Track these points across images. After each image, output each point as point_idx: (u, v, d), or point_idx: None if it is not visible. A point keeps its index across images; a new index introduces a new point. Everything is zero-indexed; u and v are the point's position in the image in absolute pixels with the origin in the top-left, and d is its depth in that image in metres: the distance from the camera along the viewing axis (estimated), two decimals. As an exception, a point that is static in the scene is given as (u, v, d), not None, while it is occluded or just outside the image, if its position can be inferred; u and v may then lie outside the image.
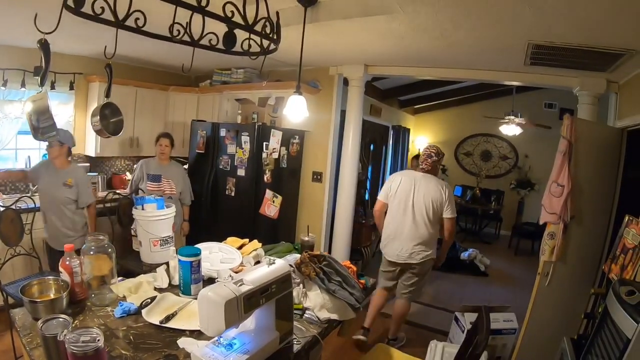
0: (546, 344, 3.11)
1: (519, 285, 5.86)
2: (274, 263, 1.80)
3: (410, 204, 3.60)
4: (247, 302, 1.53)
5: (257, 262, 2.65)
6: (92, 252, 2.11)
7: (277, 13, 2.05)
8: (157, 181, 4.31)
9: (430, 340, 3.34)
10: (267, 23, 1.95)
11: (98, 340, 1.40)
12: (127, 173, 5.75)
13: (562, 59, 3.37)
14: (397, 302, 3.88)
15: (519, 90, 7.79)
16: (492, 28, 2.92)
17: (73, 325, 1.56)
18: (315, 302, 2.12)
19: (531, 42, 3.10)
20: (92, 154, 5.21)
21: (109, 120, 2.91)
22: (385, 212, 3.83)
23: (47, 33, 1.66)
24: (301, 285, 2.20)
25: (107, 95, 2.50)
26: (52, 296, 2.00)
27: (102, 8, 1.44)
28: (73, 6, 1.42)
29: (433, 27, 3.03)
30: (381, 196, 3.81)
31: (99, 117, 2.73)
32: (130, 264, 3.26)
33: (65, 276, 2.00)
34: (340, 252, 5.01)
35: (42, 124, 2.84)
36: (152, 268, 2.67)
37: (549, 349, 2.97)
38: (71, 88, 4.93)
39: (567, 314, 3.19)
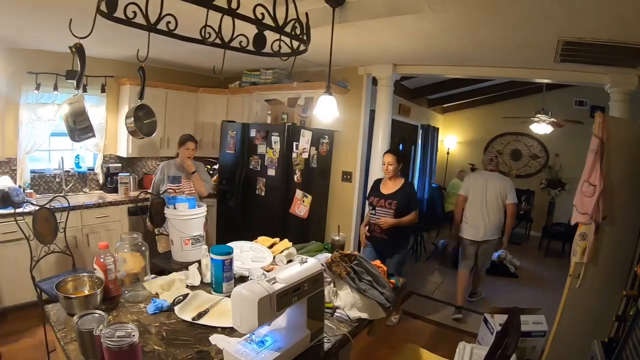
0: (576, 347, 3.05)
1: (549, 287, 5.76)
2: (306, 262, 1.81)
3: (484, 195, 4.58)
4: (280, 300, 1.55)
5: (290, 261, 2.68)
6: (126, 250, 2.16)
7: (307, 14, 2.07)
8: (177, 182, 4.35)
9: (458, 342, 3.31)
10: (297, 24, 1.96)
11: (133, 335, 1.43)
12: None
13: (593, 55, 3.29)
14: (476, 271, 4.97)
15: (549, 88, 7.63)
16: (521, 25, 2.88)
17: (107, 320, 1.60)
18: (345, 301, 2.13)
19: (561, 39, 3.04)
20: (124, 155, 5.32)
21: (142, 121, 2.95)
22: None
23: (81, 38, 1.70)
24: (332, 284, 2.22)
25: (141, 97, 2.54)
26: (86, 292, 2.06)
27: (134, 12, 1.46)
28: (106, 11, 1.46)
29: (462, 25, 3.01)
30: (462, 191, 4.80)
31: (133, 119, 2.78)
32: (160, 262, 3.32)
33: (99, 273, 2.05)
34: (370, 251, 4.98)
35: (78, 126, 2.91)
36: (182, 266, 2.72)
37: (579, 352, 2.91)
38: (103, 91, 5.04)
39: (598, 316, 3.13)
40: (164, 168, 4.48)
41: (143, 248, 2.19)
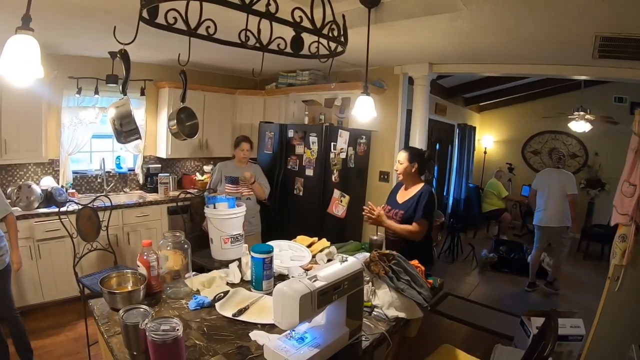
0: (614, 351, 2.97)
1: (588, 290, 5.64)
2: (346, 260, 1.83)
3: (550, 188, 5.53)
4: (321, 298, 1.58)
5: (330, 260, 2.72)
6: (169, 248, 2.23)
7: (343, 16, 2.08)
8: (235, 183, 4.39)
9: (494, 344, 3.28)
10: (334, 26, 1.98)
11: (177, 329, 1.47)
12: (197, 174, 5.94)
13: (632, 50, 3.19)
14: (555, 259, 5.75)
15: (587, 84, 7.44)
16: (557, 22, 2.82)
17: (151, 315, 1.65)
18: (383, 300, 2.14)
19: (598, 35, 2.96)
20: (164, 156, 5.45)
21: (184, 123, 3.03)
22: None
23: (126, 44, 1.75)
24: (370, 284, 2.23)
25: (183, 100, 2.59)
26: (129, 288, 2.13)
27: (175, 18, 1.50)
28: (148, 18, 1.51)
29: (498, 23, 2.97)
30: (533, 185, 5.86)
31: (175, 121, 2.86)
32: (200, 260, 3.39)
33: (142, 270, 2.12)
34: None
35: (125, 128, 3.03)
36: (222, 264, 2.77)
37: (617, 357, 2.85)
38: (142, 94, 5.18)
39: (637, 320, 3.04)
40: (220, 169, 4.53)
41: (185, 246, 2.25)
